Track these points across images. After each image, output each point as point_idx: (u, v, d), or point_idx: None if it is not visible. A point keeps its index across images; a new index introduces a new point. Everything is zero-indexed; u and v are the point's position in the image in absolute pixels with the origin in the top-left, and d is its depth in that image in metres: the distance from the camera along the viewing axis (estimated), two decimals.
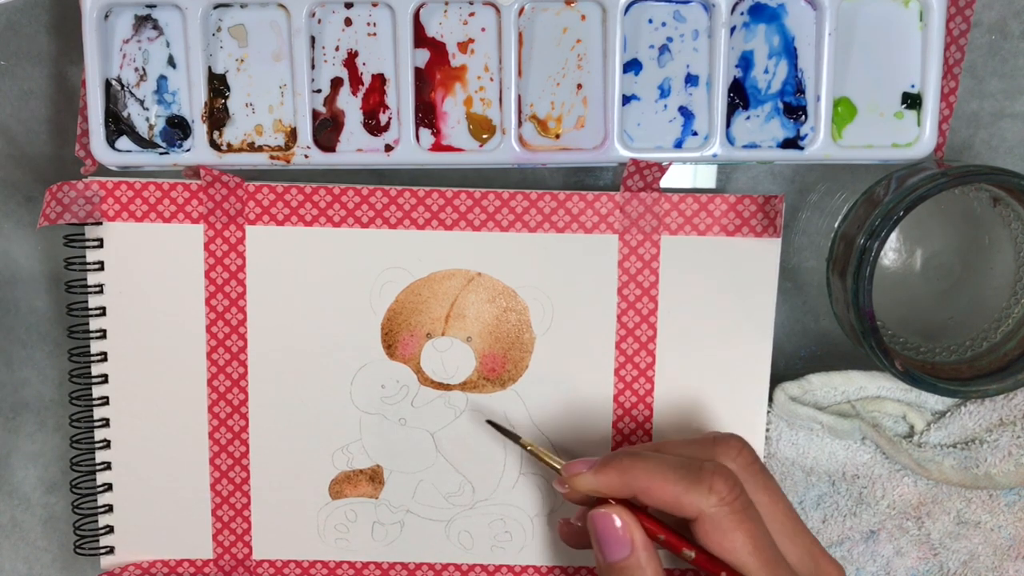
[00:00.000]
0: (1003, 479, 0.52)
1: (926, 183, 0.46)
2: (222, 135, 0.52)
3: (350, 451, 0.54)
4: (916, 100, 0.51)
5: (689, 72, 0.51)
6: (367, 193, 0.52)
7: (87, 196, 0.52)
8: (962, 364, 0.51)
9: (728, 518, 0.42)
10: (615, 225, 0.52)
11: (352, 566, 0.55)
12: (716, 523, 0.43)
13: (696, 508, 0.43)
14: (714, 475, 0.43)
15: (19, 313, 0.56)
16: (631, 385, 0.53)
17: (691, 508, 0.43)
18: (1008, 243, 0.51)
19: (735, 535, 0.42)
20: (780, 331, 0.54)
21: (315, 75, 0.51)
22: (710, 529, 0.43)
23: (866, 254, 0.46)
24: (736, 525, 0.42)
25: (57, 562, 0.58)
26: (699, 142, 0.51)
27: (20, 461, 0.57)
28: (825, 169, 0.54)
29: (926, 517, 0.54)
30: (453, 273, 0.53)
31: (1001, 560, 0.54)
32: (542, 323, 0.53)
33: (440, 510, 0.55)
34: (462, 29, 0.51)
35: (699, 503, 0.43)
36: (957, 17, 0.51)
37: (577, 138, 0.52)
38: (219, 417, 0.54)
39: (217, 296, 0.53)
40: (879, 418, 0.53)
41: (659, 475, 0.43)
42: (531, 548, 0.55)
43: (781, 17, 0.50)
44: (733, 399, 0.53)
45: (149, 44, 0.51)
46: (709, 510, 0.42)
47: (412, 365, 0.54)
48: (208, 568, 0.56)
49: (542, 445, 0.54)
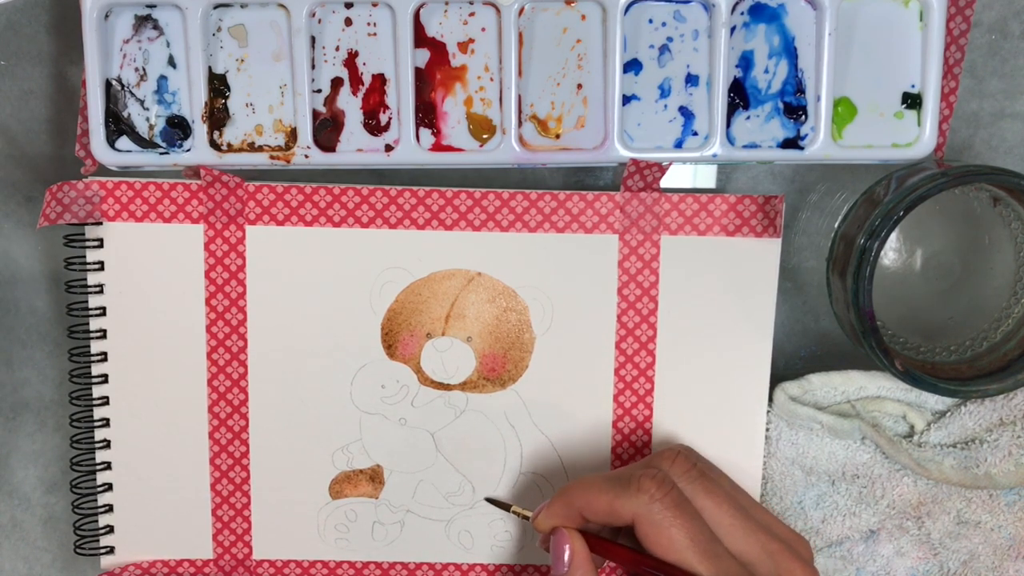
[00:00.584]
0: (1003, 479, 0.52)
1: (926, 183, 0.46)
2: (222, 135, 0.52)
3: (350, 451, 0.54)
4: (916, 100, 0.51)
5: (689, 72, 0.51)
6: (367, 193, 0.52)
7: (87, 196, 0.52)
8: (962, 364, 0.51)
9: (661, 515, 0.44)
10: (615, 225, 0.52)
11: (352, 566, 0.55)
12: (650, 521, 0.44)
13: (629, 511, 0.45)
14: (642, 478, 0.45)
15: (19, 313, 0.56)
16: (631, 385, 0.53)
17: (625, 512, 0.45)
18: (1008, 243, 0.51)
19: (670, 531, 0.44)
20: (780, 331, 0.54)
21: (315, 75, 0.51)
22: (647, 529, 0.44)
23: (866, 254, 0.46)
24: (670, 521, 0.44)
25: (57, 562, 0.58)
26: (699, 142, 0.51)
27: (20, 461, 0.57)
28: (825, 169, 0.54)
29: (926, 517, 0.54)
30: (453, 273, 0.53)
31: (1001, 560, 0.54)
32: (542, 323, 0.53)
33: (440, 510, 0.55)
34: (462, 29, 0.51)
35: (629, 504, 0.45)
36: (957, 17, 0.51)
37: (577, 138, 0.52)
38: (219, 417, 0.54)
39: (217, 296, 0.53)
40: (879, 418, 0.53)
41: (593, 490, 0.46)
42: (531, 548, 0.55)
43: (781, 17, 0.50)
44: (733, 399, 0.53)
45: (149, 44, 0.51)
46: (641, 509, 0.44)
47: (412, 365, 0.54)
48: (208, 568, 0.56)
49: (542, 445, 0.54)
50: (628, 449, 0.54)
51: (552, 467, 0.54)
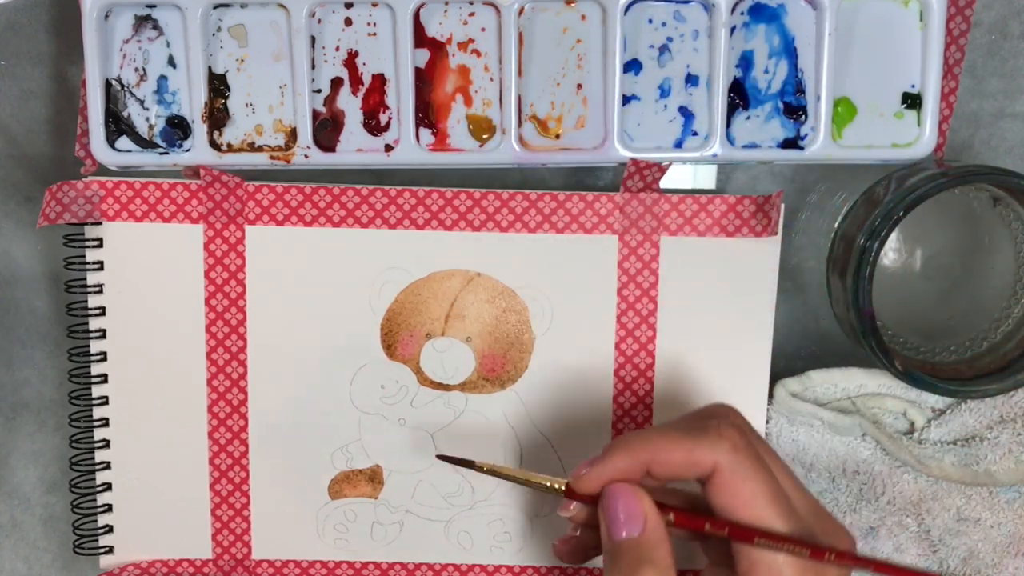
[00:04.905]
0: (1003, 476, 0.52)
1: (926, 183, 0.46)
2: (222, 135, 0.52)
3: (349, 451, 0.54)
4: (916, 100, 0.51)
5: (689, 72, 0.51)
6: (367, 193, 0.52)
7: (87, 196, 0.52)
8: (962, 364, 0.51)
9: (743, 464, 0.40)
10: (615, 226, 0.52)
11: (351, 566, 0.55)
12: (733, 471, 0.40)
13: (710, 460, 0.40)
14: (720, 426, 0.41)
15: (19, 313, 0.56)
16: (631, 386, 0.53)
17: (705, 461, 0.41)
18: (1008, 243, 0.51)
19: (752, 484, 0.40)
20: (780, 331, 0.54)
21: (315, 75, 0.51)
22: (727, 480, 0.40)
23: (866, 254, 0.46)
24: (752, 473, 0.40)
25: (57, 562, 0.58)
26: (699, 142, 0.51)
27: (20, 461, 0.57)
28: (825, 169, 0.54)
29: (926, 514, 0.54)
30: (453, 273, 0.53)
31: (1001, 557, 0.54)
32: (542, 323, 0.53)
33: (439, 510, 0.55)
34: (462, 29, 0.51)
35: (712, 453, 0.40)
36: (957, 17, 0.51)
37: (577, 138, 0.52)
38: (219, 417, 0.54)
39: (216, 296, 0.53)
40: (879, 415, 0.53)
41: (665, 440, 0.41)
42: (530, 548, 0.55)
43: (781, 17, 0.50)
44: (732, 400, 0.53)
45: (149, 44, 0.51)
46: (724, 457, 0.40)
47: (412, 365, 0.54)
48: (207, 568, 0.56)
49: (541, 446, 0.54)
50: None
51: (551, 468, 0.54)
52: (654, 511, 0.41)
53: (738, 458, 0.40)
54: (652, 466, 0.41)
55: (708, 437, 0.41)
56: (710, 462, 0.40)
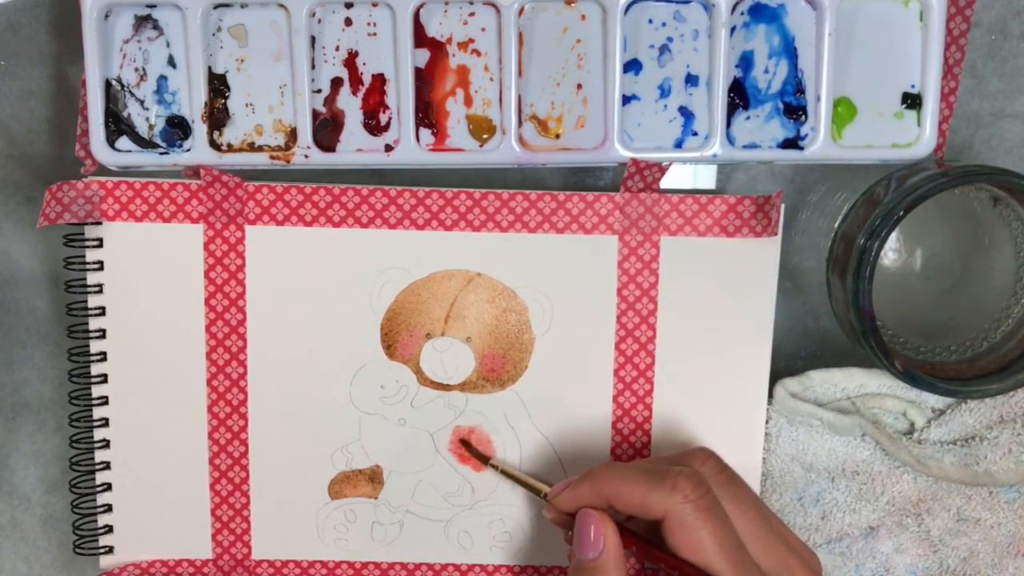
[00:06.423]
0: (1003, 476, 0.52)
1: (926, 183, 0.46)
2: (222, 135, 0.52)
3: (349, 451, 0.54)
4: (916, 100, 0.51)
5: (689, 72, 0.51)
6: (367, 193, 0.52)
7: (87, 196, 0.52)
8: (962, 364, 0.51)
9: (692, 516, 0.44)
10: (615, 226, 0.52)
11: (351, 566, 0.55)
12: (681, 521, 0.44)
13: (662, 507, 0.44)
14: (678, 476, 0.45)
15: (19, 313, 0.56)
16: (630, 386, 0.53)
17: (657, 507, 0.44)
18: (1008, 243, 0.51)
19: (700, 533, 0.44)
20: (780, 331, 0.54)
21: (315, 75, 0.51)
22: (676, 527, 0.44)
23: (866, 254, 0.46)
24: (701, 523, 0.44)
25: (57, 562, 0.58)
26: (699, 142, 0.51)
27: (20, 461, 0.57)
28: (825, 169, 0.54)
29: (926, 514, 0.54)
30: (453, 273, 0.53)
31: (1001, 557, 0.54)
32: (542, 323, 0.53)
33: (439, 510, 0.55)
34: (462, 29, 0.51)
35: (664, 501, 0.44)
36: (957, 17, 0.51)
37: (577, 138, 0.52)
38: (218, 417, 0.54)
39: (216, 296, 0.53)
40: (879, 415, 0.53)
41: (627, 479, 0.45)
42: (530, 548, 0.55)
43: (781, 17, 0.50)
44: (732, 400, 0.53)
45: (149, 44, 0.51)
46: (674, 508, 0.44)
47: (412, 365, 0.54)
48: (207, 568, 0.56)
49: (541, 446, 0.54)
50: (627, 450, 0.54)
51: (551, 468, 0.54)
52: (614, 539, 0.46)
53: (686, 509, 0.44)
54: (612, 502, 0.46)
55: (663, 486, 0.44)
56: (661, 509, 0.44)
